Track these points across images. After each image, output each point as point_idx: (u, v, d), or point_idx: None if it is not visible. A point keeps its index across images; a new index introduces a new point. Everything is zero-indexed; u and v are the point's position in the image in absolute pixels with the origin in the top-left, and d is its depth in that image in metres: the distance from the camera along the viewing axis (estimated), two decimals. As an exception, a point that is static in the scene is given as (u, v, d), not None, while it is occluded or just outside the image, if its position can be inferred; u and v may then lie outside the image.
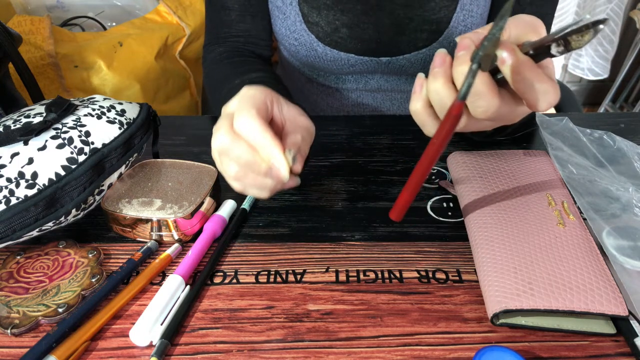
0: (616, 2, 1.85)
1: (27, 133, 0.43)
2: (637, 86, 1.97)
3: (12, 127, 0.44)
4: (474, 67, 0.32)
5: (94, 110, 0.48)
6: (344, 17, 0.63)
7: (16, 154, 0.42)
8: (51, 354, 0.35)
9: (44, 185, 0.41)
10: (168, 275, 0.42)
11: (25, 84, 0.71)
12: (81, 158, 0.44)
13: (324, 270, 0.43)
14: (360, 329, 0.38)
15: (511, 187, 0.49)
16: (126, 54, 1.01)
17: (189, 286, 0.41)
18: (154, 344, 0.37)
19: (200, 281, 0.42)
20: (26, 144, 0.43)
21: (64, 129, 0.45)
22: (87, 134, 0.45)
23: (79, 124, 0.46)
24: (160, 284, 0.42)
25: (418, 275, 0.43)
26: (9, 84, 0.70)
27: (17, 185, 0.40)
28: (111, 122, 0.47)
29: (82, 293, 0.40)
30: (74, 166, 0.43)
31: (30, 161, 0.42)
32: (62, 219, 0.43)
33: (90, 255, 0.44)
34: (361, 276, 0.43)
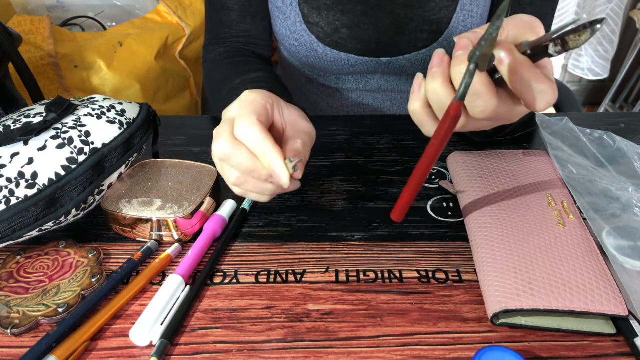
0: (616, 2, 1.85)
1: (27, 133, 0.43)
2: (637, 86, 1.97)
3: (12, 127, 0.44)
4: (471, 67, 0.32)
5: (94, 110, 0.48)
6: (344, 17, 0.63)
7: (16, 154, 0.42)
8: (51, 354, 0.35)
9: (44, 185, 0.41)
10: (168, 275, 0.42)
11: (25, 84, 0.71)
12: (81, 158, 0.44)
13: (324, 270, 0.43)
14: (360, 329, 0.38)
15: (511, 187, 0.49)
16: (126, 54, 1.01)
17: (189, 286, 0.41)
18: (154, 344, 0.37)
19: (200, 281, 0.42)
20: (26, 144, 0.43)
21: (64, 129, 0.45)
22: (87, 134, 0.45)
23: (79, 124, 0.46)
24: (160, 284, 0.42)
25: (418, 275, 0.43)
26: (9, 84, 0.70)
27: (17, 185, 0.40)
28: (111, 122, 0.47)
29: (82, 293, 0.40)
30: (74, 166, 0.43)
31: (30, 161, 0.42)
32: (62, 219, 0.43)
33: (90, 255, 0.44)
34: (361, 276, 0.43)
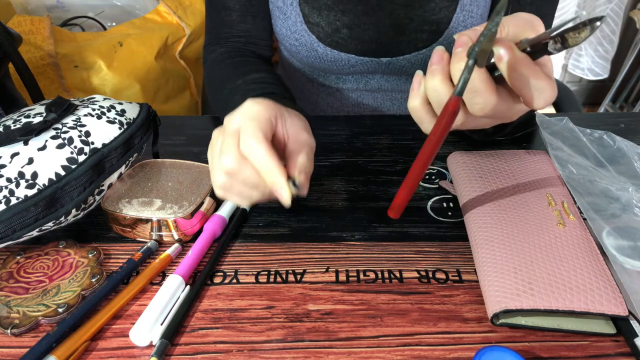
0: (616, 2, 1.85)
1: (27, 133, 0.43)
2: (637, 86, 1.97)
3: (12, 127, 0.44)
4: (470, 62, 0.32)
5: (94, 110, 0.48)
6: (344, 17, 0.63)
7: (16, 154, 0.42)
8: (51, 354, 0.35)
9: (44, 185, 0.41)
10: (168, 275, 0.42)
11: (25, 84, 0.71)
12: (81, 158, 0.44)
13: (324, 270, 0.43)
14: (360, 329, 0.38)
15: (511, 187, 0.49)
16: (126, 54, 1.01)
17: (189, 286, 0.41)
18: (154, 344, 0.37)
19: (200, 281, 0.42)
20: (26, 144, 0.43)
21: (64, 129, 0.45)
22: (87, 134, 0.45)
23: (79, 124, 0.46)
24: (160, 284, 0.42)
25: (418, 275, 0.43)
26: (9, 84, 0.70)
27: (17, 185, 0.40)
28: (111, 122, 0.47)
29: (82, 293, 0.40)
30: (74, 166, 0.43)
31: (30, 161, 0.42)
32: (62, 219, 0.43)
33: (90, 255, 0.44)
34: (361, 276, 0.43)
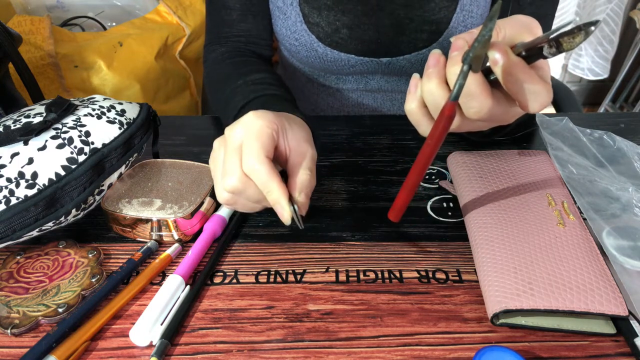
0: (616, 2, 1.86)
1: (27, 133, 0.43)
2: (637, 86, 1.97)
3: (12, 127, 0.44)
4: (464, 68, 0.32)
5: (94, 110, 0.48)
6: (344, 17, 0.63)
7: (16, 154, 0.42)
8: (51, 354, 0.35)
9: (44, 185, 0.41)
10: (168, 275, 0.42)
11: (25, 84, 0.71)
12: (81, 158, 0.44)
13: (324, 270, 0.43)
14: (360, 329, 0.38)
15: (511, 187, 0.49)
16: (126, 54, 1.01)
17: (189, 286, 0.41)
18: (154, 344, 0.37)
19: (200, 281, 0.42)
20: (26, 144, 0.43)
21: (64, 129, 0.45)
22: (87, 134, 0.45)
23: (79, 124, 0.46)
24: (160, 284, 0.42)
25: (418, 275, 0.43)
26: (9, 84, 0.70)
27: (17, 185, 0.40)
28: (111, 122, 0.47)
29: (82, 293, 0.40)
30: (74, 166, 0.43)
31: (30, 161, 0.42)
32: (62, 219, 0.43)
33: (90, 255, 0.44)
34: (361, 276, 0.43)
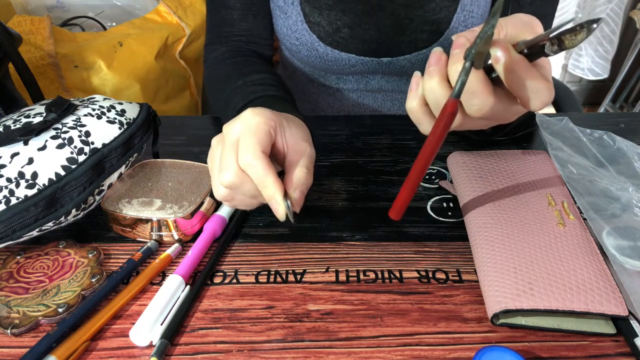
0: (616, 2, 1.86)
1: (27, 133, 0.43)
2: (637, 86, 1.97)
3: (12, 127, 0.44)
4: (467, 64, 0.32)
5: (94, 110, 0.48)
6: (345, 17, 0.63)
7: (16, 154, 0.42)
8: (51, 354, 0.35)
9: (44, 185, 0.41)
10: (168, 275, 0.42)
11: (25, 84, 0.71)
12: (81, 158, 0.44)
13: (324, 270, 0.43)
14: (360, 329, 0.38)
15: (511, 187, 0.49)
16: (126, 54, 1.01)
17: (189, 286, 0.41)
18: (154, 344, 0.37)
19: (200, 281, 0.42)
20: (26, 144, 0.43)
21: (64, 129, 0.45)
22: (87, 134, 0.45)
23: (79, 124, 0.46)
24: (160, 284, 0.42)
25: (418, 275, 0.43)
26: (9, 84, 0.70)
27: (17, 185, 0.40)
28: (111, 122, 0.47)
29: (82, 293, 0.40)
30: (74, 166, 0.43)
31: (30, 161, 0.42)
32: (62, 219, 0.43)
33: (90, 255, 0.44)
34: (361, 276, 0.43)
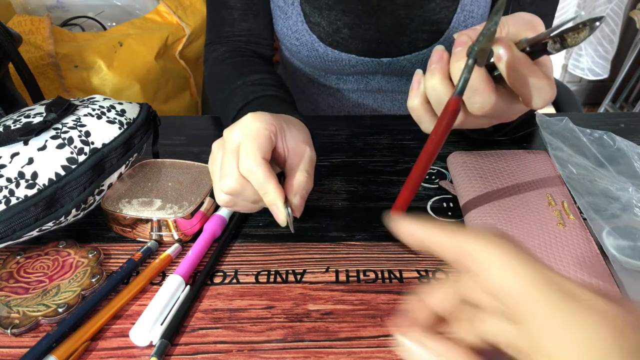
0: (616, 2, 1.86)
1: (27, 133, 0.43)
2: (637, 86, 1.97)
3: (12, 127, 0.44)
4: (469, 62, 0.32)
5: (94, 110, 0.48)
6: (345, 17, 0.63)
7: (16, 154, 0.42)
8: (51, 354, 0.35)
9: (44, 185, 0.41)
10: (168, 275, 0.42)
11: (25, 84, 0.71)
12: (81, 158, 0.44)
13: (324, 270, 0.43)
14: (360, 329, 0.38)
15: (511, 187, 0.49)
16: (126, 54, 1.01)
17: (189, 286, 0.41)
18: (154, 344, 0.37)
19: (200, 281, 0.42)
20: (26, 144, 0.43)
21: (64, 129, 0.45)
22: (87, 134, 0.45)
23: (79, 124, 0.46)
24: (160, 284, 0.42)
25: (418, 275, 0.43)
26: (9, 84, 0.70)
27: (17, 185, 0.40)
28: (111, 122, 0.47)
29: (82, 293, 0.40)
30: (74, 166, 0.43)
31: (30, 161, 0.42)
32: (62, 219, 0.43)
33: (90, 255, 0.44)
34: (361, 276, 0.43)
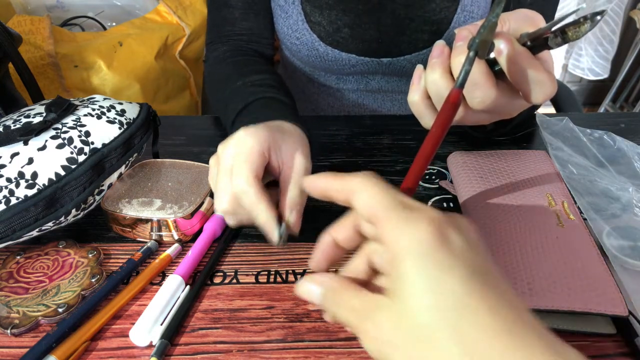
0: (616, 2, 1.86)
1: (27, 133, 0.43)
2: (638, 86, 1.97)
3: (12, 127, 0.44)
4: (470, 54, 0.32)
5: (93, 110, 0.48)
6: (345, 17, 0.63)
7: (16, 154, 0.42)
8: (51, 354, 0.35)
9: (43, 185, 0.41)
10: (168, 275, 0.42)
11: (25, 84, 0.71)
12: (81, 158, 0.44)
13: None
14: (360, 329, 0.38)
15: (511, 187, 0.49)
16: (126, 54, 1.01)
17: (189, 286, 0.41)
18: (153, 344, 0.37)
19: (200, 281, 0.42)
20: (26, 144, 0.43)
21: (64, 129, 0.45)
22: (87, 134, 0.45)
23: (78, 124, 0.46)
24: (160, 284, 0.42)
25: (418, 275, 0.43)
26: (9, 84, 0.70)
27: (17, 185, 0.40)
28: (111, 122, 0.47)
29: (82, 293, 0.40)
30: (73, 166, 0.43)
31: (30, 161, 0.42)
32: (62, 219, 0.43)
33: (90, 255, 0.44)
34: (361, 276, 0.43)
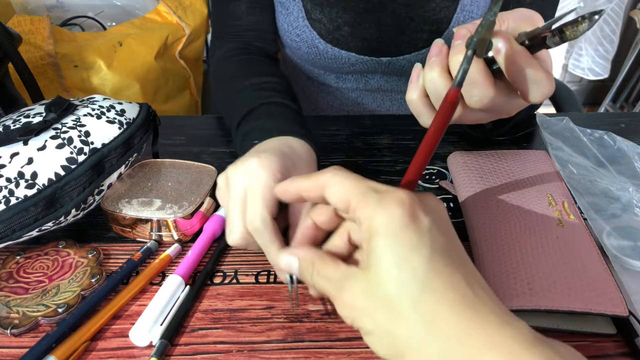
0: (616, 2, 1.86)
1: (27, 133, 0.43)
2: (638, 86, 1.97)
3: (12, 127, 0.44)
4: (469, 52, 0.32)
5: (93, 110, 0.48)
6: (346, 15, 0.63)
7: (16, 154, 0.42)
8: (51, 354, 0.35)
9: (43, 185, 0.41)
10: (168, 276, 0.42)
11: (25, 84, 0.71)
12: (81, 158, 0.44)
13: (324, 270, 0.43)
14: (360, 329, 0.38)
15: (511, 187, 0.49)
16: (126, 53, 1.01)
17: (188, 286, 0.41)
18: (153, 344, 0.37)
19: (200, 281, 0.42)
20: (26, 144, 0.43)
21: (64, 129, 0.45)
22: (87, 134, 0.45)
23: (78, 124, 0.46)
24: (160, 284, 0.42)
25: (418, 276, 0.43)
26: (9, 84, 0.70)
27: (17, 185, 0.40)
28: (111, 122, 0.47)
29: (81, 293, 0.40)
30: (73, 166, 0.43)
31: (30, 161, 0.42)
32: (62, 219, 0.43)
33: (90, 255, 0.44)
34: (361, 276, 0.43)
